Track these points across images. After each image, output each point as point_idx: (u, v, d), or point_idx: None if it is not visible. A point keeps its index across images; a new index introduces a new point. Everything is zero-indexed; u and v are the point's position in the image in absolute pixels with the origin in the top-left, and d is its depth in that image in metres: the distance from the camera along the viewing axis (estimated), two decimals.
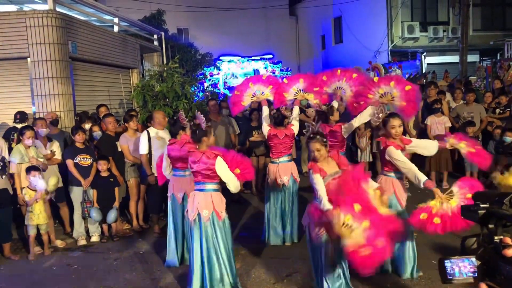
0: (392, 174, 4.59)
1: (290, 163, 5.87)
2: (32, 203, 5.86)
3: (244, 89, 6.02)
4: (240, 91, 6.05)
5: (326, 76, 5.72)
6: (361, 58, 19.63)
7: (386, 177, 4.63)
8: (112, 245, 6.31)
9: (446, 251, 5.00)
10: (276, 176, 5.76)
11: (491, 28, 20.48)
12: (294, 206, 5.84)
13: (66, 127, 7.49)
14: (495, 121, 8.61)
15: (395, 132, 4.49)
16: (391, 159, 4.42)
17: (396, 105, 4.96)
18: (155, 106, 8.33)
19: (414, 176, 4.26)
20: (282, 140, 5.73)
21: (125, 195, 6.98)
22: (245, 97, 5.98)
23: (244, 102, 6.01)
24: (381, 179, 4.66)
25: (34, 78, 7.40)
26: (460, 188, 4.11)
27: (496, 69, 13.55)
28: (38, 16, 7.31)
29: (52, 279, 5.26)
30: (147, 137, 6.41)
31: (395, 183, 4.57)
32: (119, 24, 10.52)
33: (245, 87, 6.03)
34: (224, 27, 24.57)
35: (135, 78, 10.61)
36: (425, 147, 4.67)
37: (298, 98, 5.86)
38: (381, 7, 20.23)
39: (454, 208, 3.94)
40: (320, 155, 4.02)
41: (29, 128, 6.13)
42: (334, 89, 5.61)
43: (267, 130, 5.77)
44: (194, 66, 19.25)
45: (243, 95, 5.99)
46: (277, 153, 5.82)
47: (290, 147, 5.89)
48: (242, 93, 6.01)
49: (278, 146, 5.77)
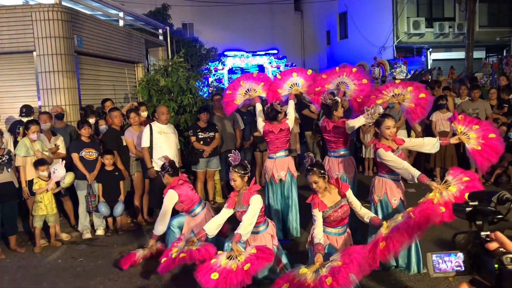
0: (386, 176, 4.62)
1: (287, 158, 5.89)
2: (42, 191, 5.91)
3: (236, 88, 6.07)
4: (232, 90, 6.10)
5: (325, 74, 5.73)
6: (366, 54, 19.56)
7: (379, 177, 4.69)
8: (116, 239, 6.35)
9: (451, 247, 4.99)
10: (273, 171, 5.78)
11: (497, 24, 20.36)
12: (294, 200, 5.85)
13: (71, 121, 7.52)
14: (500, 117, 8.57)
15: (389, 132, 4.47)
16: (382, 160, 4.43)
17: (405, 106, 4.95)
18: (160, 100, 8.35)
19: (409, 174, 4.25)
20: (277, 134, 5.74)
21: (129, 189, 7.02)
22: (238, 95, 6.03)
23: (237, 101, 6.05)
24: (375, 180, 4.73)
25: (40, 72, 7.42)
26: (454, 176, 4.14)
27: (502, 66, 13.48)
28: (44, 10, 7.32)
29: (57, 272, 5.30)
30: (150, 131, 6.45)
31: (387, 184, 4.61)
32: (124, 19, 10.53)
33: (237, 86, 6.08)
34: (229, 22, 24.54)
35: (140, 72, 10.63)
36: (423, 145, 4.63)
37: (292, 92, 5.88)
38: (386, 2, 20.14)
39: (456, 193, 3.96)
40: (319, 187, 4.04)
41: (34, 122, 6.17)
42: (337, 84, 5.60)
43: (262, 126, 5.79)
44: (199, 61, 19.24)
45: (235, 94, 6.04)
46: (273, 148, 5.83)
47: (286, 142, 5.89)
48: (234, 92, 6.06)
49: (274, 141, 5.78)
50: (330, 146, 5.61)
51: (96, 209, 6.41)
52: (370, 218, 3.99)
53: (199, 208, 5.16)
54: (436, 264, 1.52)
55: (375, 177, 4.80)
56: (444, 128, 8.01)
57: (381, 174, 4.69)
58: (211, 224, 4.31)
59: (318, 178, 4.00)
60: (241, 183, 4.19)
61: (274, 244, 4.30)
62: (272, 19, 26.66)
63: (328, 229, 4.15)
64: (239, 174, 4.15)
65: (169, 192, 5.00)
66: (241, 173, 4.16)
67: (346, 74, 5.55)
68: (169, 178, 5.24)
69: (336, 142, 5.48)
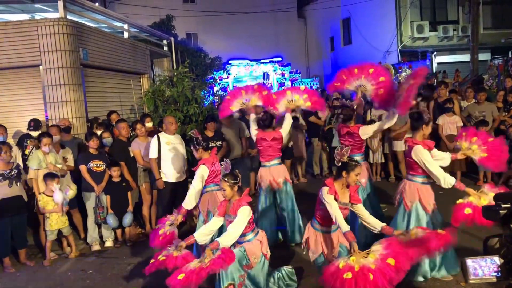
0: (417, 179, 4.52)
1: (281, 166, 5.93)
2: (47, 212, 5.95)
3: (236, 96, 6.16)
4: (232, 96, 6.22)
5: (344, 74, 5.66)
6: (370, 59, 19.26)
7: (410, 182, 4.58)
8: (125, 250, 6.35)
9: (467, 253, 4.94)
10: (269, 179, 5.78)
11: (501, 26, 20.28)
12: (293, 207, 5.86)
13: (78, 133, 7.55)
14: (508, 119, 8.52)
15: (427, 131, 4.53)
16: (418, 159, 4.35)
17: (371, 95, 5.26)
18: (166, 110, 8.38)
19: (444, 179, 4.23)
20: (270, 142, 5.76)
21: (138, 200, 7.03)
22: (235, 103, 6.11)
23: (233, 107, 6.13)
24: (405, 184, 4.62)
25: (47, 85, 7.47)
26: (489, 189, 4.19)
27: (507, 67, 13.42)
28: (49, 24, 7.39)
29: (67, 285, 5.31)
30: (157, 142, 6.47)
31: (420, 190, 4.52)
32: (129, 30, 10.60)
33: (237, 94, 6.17)
34: (233, 31, 24.67)
35: (145, 83, 10.68)
36: (441, 158, 4.61)
37: (290, 107, 5.89)
38: (389, 7, 20.14)
39: None
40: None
41: (46, 135, 6.22)
42: (355, 87, 5.56)
43: (255, 133, 5.86)
44: (203, 71, 19.32)
45: (233, 100, 6.13)
46: (266, 156, 5.85)
47: (279, 150, 5.91)
48: (233, 98, 6.15)
49: (267, 149, 5.80)
50: None
51: (105, 221, 6.43)
52: (382, 227, 3.90)
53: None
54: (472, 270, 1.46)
55: (404, 180, 4.69)
56: (451, 132, 7.96)
57: (412, 177, 4.57)
58: (201, 231, 4.24)
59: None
60: (231, 192, 4.15)
61: (263, 251, 4.25)
62: (276, 26, 26.77)
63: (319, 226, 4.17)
64: (228, 183, 4.12)
65: (201, 167, 5.09)
66: (231, 183, 4.13)
67: (364, 76, 5.48)
68: (202, 153, 5.26)
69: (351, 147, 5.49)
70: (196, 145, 5.24)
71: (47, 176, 5.98)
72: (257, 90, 6.08)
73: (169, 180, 6.48)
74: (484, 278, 1.46)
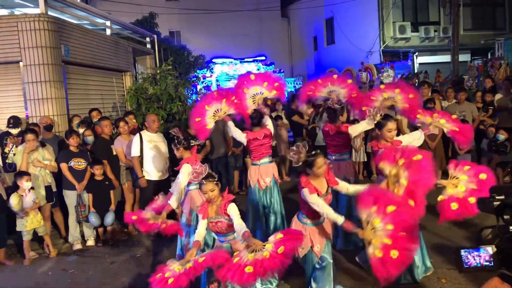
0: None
1: (271, 165, 5.87)
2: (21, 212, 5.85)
3: (203, 114, 5.56)
4: (200, 116, 5.54)
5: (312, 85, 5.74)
6: (353, 59, 19.70)
7: None
8: (107, 249, 6.29)
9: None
10: (258, 178, 5.75)
11: (481, 27, 20.65)
12: (280, 206, 5.86)
13: (59, 131, 7.44)
14: (487, 119, 8.67)
15: (391, 135, 4.57)
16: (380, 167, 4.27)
17: (399, 107, 5.17)
18: (149, 109, 8.31)
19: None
20: (262, 140, 5.68)
21: (120, 199, 6.96)
22: (208, 120, 5.52)
23: (209, 126, 5.52)
24: None
25: (27, 82, 7.35)
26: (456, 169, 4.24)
27: (487, 68, 13.64)
28: (30, 20, 7.26)
29: (48, 284, 5.23)
30: (139, 140, 6.42)
31: None
32: (111, 27, 10.48)
33: (203, 111, 5.57)
34: (216, 30, 24.60)
35: (128, 81, 10.57)
36: (413, 140, 4.74)
37: (257, 102, 5.71)
38: (372, 7, 20.32)
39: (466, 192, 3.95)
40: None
41: (30, 131, 6.14)
42: (327, 93, 5.61)
43: (244, 136, 5.65)
44: (187, 69, 19.25)
45: (204, 120, 5.53)
46: (258, 155, 5.76)
47: (270, 148, 5.87)
48: (203, 118, 5.53)
49: (259, 148, 5.71)
50: (332, 150, 5.69)
51: (86, 219, 6.35)
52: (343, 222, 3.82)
53: None
54: (464, 259, 1.49)
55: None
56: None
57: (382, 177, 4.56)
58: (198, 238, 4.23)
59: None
60: (218, 192, 4.14)
61: None
62: (260, 26, 26.79)
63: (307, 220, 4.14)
64: (214, 181, 4.09)
65: (185, 166, 4.94)
66: (216, 181, 4.11)
67: (330, 83, 5.58)
68: (183, 152, 5.14)
69: (339, 146, 5.64)
70: (177, 143, 5.13)
71: (19, 175, 5.88)
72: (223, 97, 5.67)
73: (151, 179, 6.43)
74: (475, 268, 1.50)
